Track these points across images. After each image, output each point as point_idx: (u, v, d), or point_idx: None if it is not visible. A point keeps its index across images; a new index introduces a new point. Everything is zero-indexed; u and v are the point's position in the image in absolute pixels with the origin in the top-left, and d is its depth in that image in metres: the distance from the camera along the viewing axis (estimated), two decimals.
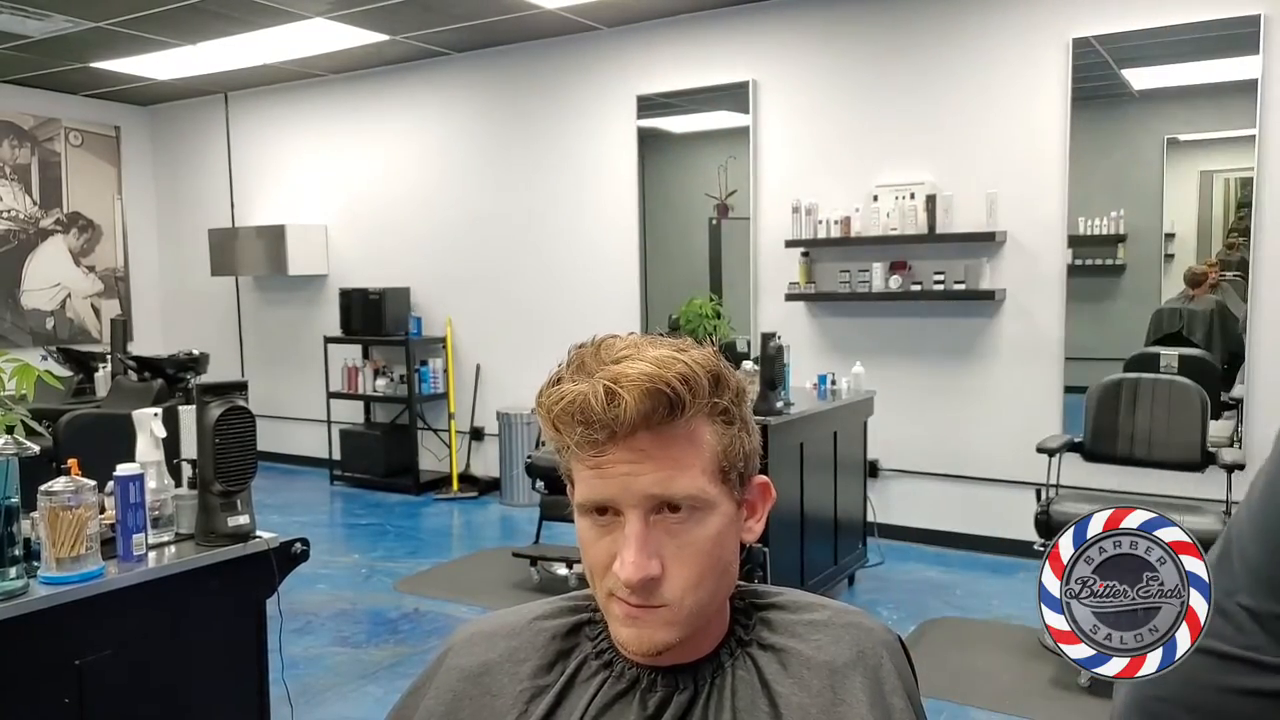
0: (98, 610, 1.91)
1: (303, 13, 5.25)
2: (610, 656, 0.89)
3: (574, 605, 0.94)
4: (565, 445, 0.81)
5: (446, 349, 6.57)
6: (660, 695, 0.85)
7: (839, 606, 0.92)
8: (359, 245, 6.96)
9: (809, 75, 5.16)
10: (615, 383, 0.77)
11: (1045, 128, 4.56)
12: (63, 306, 7.41)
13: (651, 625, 0.81)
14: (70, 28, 5.53)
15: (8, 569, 1.78)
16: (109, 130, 7.68)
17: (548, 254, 6.12)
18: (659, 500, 0.80)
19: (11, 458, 1.75)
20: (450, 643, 0.97)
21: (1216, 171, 4.53)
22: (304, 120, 7.11)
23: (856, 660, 0.85)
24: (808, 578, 3.92)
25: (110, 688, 1.97)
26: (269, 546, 2.20)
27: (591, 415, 0.77)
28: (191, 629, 2.15)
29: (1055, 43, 4.50)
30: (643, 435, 0.79)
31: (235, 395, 2.13)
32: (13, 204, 7.10)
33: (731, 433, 0.83)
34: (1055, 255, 4.61)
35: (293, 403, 7.28)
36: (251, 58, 6.26)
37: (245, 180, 7.49)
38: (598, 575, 0.83)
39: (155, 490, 2.11)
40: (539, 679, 0.89)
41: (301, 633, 3.85)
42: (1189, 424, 3.63)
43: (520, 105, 6.14)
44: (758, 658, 0.87)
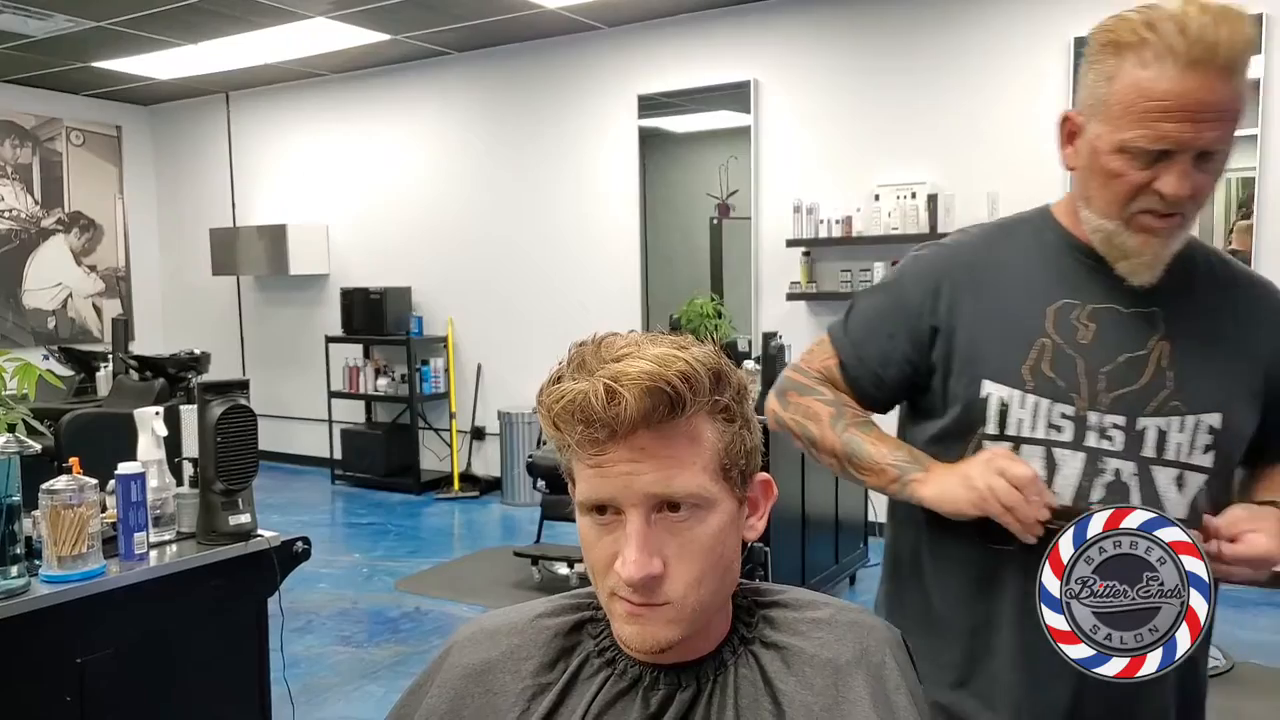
0: (99, 609, 1.91)
1: (304, 12, 5.25)
2: (613, 654, 0.88)
3: (576, 603, 0.94)
4: (566, 444, 0.81)
5: (448, 348, 6.57)
6: (663, 693, 0.85)
7: (841, 604, 0.92)
8: (360, 245, 6.96)
9: (810, 75, 5.15)
10: (616, 381, 0.76)
11: (1046, 127, 4.52)
12: (64, 306, 7.42)
13: (654, 623, 0.81)
14: (72, 27, 5.53)
15: (9, 567, 1.78)
16: (110, 130, 7.68)
17: (549, 253, 6.12)
18: (660, 499, 0.79)
19: (13, 456, 1.75)
20: (452, 641, 0.97)
21: None
22: (305, 120, 7.11)
23: (859, 658, 0.85)
24: (809, 577, 3.92)
25: (111, 686, 1.97)
26: (270, 545, 2.20)
27: (592, 414, 0.77)
28: (193, 628, 2.15)
29: (1056, 42, 4.50)
30: (643, 434, 0.78)
31: (237, 394, 2.13)
32: (14, 203, 7.10)
33: (733, 430, 0.83)
34: None
35: (294, 402, 7.28)
36: (253, 57, 6.26)
37: (246, 180, 7.49)
38: (600, 574, 0.83)
39: (157, 489, 2.12)
40: (541, 677, 0.89)
41: (302, 632, 3.85)
42: None
43: (521, 105, 6.14)
44: (760, 656, 0.86)
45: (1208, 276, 1.18)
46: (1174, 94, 1.01)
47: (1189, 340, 1.14)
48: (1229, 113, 1.03)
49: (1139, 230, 1.09)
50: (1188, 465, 1.12)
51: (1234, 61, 1.02)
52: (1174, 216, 1.08)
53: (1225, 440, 1.13)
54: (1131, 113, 1.03)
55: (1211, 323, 1.16)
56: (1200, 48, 1.00)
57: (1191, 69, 1.01)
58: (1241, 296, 1.18)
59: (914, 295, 1.22)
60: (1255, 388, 1.15)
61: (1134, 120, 1.03)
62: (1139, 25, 1.03)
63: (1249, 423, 1.16)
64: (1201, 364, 1.13)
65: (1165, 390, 1.12)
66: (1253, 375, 1.16)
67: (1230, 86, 1.02)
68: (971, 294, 1.19)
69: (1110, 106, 1.06)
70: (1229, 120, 1.04)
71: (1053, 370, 1.13)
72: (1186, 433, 1.12)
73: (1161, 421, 1.12)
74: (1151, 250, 1.10)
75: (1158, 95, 1.02)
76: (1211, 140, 1.03)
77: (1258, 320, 1.17)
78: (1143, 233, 1.09)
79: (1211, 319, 1.16)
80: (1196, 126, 1.02)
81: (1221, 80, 1.01)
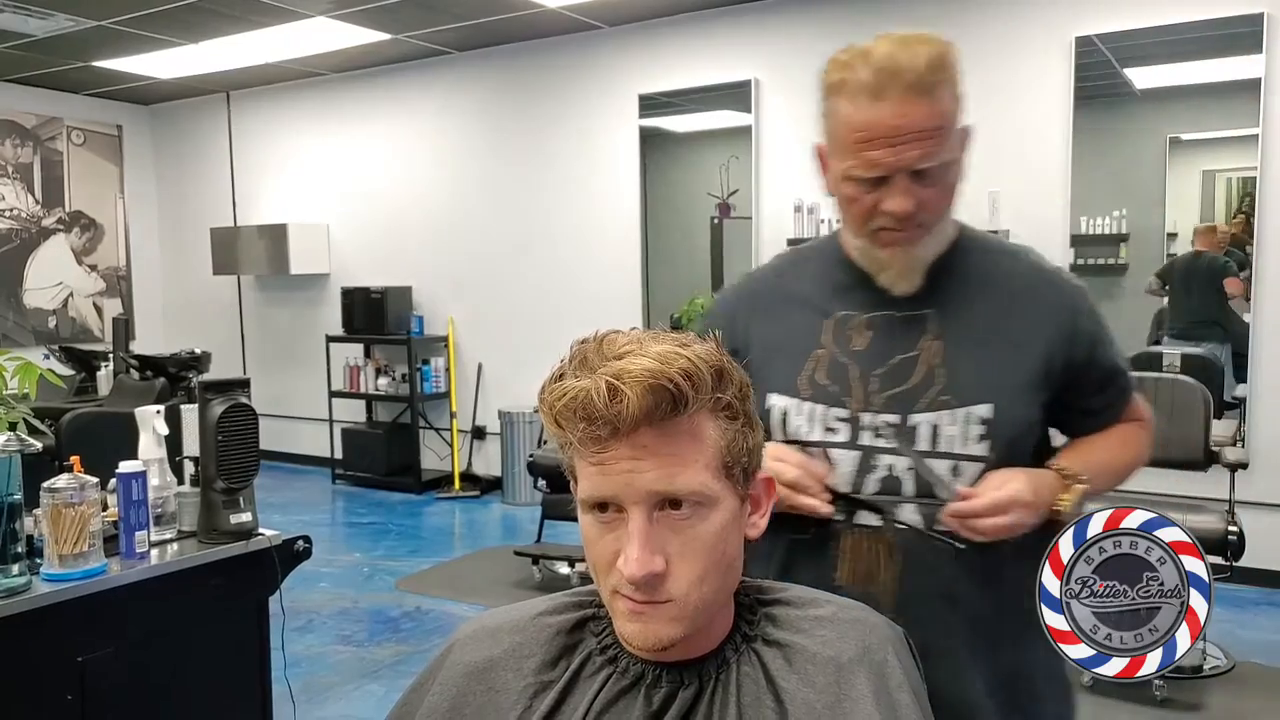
0: (100, 607, 1.91)
1: (304, 11, 5.25)
2: (615, 652, 0.89)
3: (578, 601, 0.94)
4: (568, 441, 0.81)
5: (448, 348, 6.57)
6: (665, 691, 0.85)
7: (844, 602, 0.92)
8: (361, 244, 6.96)
9: (811, 74, 5.12)
10: (618, 379, 0.76)
11: (1047, 126, 4.56)
12: (65, 305, 7.42)
13: (657, 620, 0.81)
14: (72, 27, 5.53)
15: (10, 566, 1.78)
16: (111, 129, 7.68)
17: (549, 253, 6.11)
18: (662, 496, 0.79)
19: (14, 455, 1.75)
20: (454, 639, 0.96)
21: (1219, 171, 4.53)
22: (306, 119, 7.11)
23: (862, 656, 0.85)
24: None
25: (112, 685, 1.97)
26: (271, 544, 2.20)
27: (594, 411, 0.77)
28: (194, 626, 2.15)
29: (1058, 41, 4.50)
30: (645, 431, 0.78)
31: (238, 392, 2.13)
32: (15, 203, 7.10)
33: (735, 428, 0.83)
34: (1057, 254, 4.60)
35: (294, 402, 7.28)
36: (253, 57, 6.26)
37: (247, 179, 7.49)
38: (602, 572, 0.83)
39: (158, 487, 2.12)
40: (543, 674, 0.89)
41: (303, 631, 3.85)
42: (1192, 423, 3.62)
43: (522, 104, 6.14)
44: (763, 653, 0.87)
45: (982, 275, 1.24)
46: (870, 124, 1.10)
47: (960, 338, 1.19)
48: (931, 130, 1.09)
49: (884, 245, 1.17)
50: (963, 456, 1.17)
51: (921, 82, 1.08)
52: (911, 230, 1.15)
53: (1000, 428, 1.17)
54: (845, 146, 1.13)
55: (984, 319, 1.21)
56: (884, 75, 1.09)
57: (880, 98, 1.09)
58: (1018, 291, 1.23)
59: (720, 327, 1.29)
60: (1033, 376, 1.19)
61: (848, 152, 1.12)
62: (840, 66, 1.14)
63: (1028, 410, 1.20)
64: (972, 359, 1.18)
65: (935, 387, 1.18)
66: (1029, 364, 1.19)
67: (924, 105, 1.09)
68: (760, 319, 1.30)
69: (833, 141, 1.16)
70: (933, 136, 1.10)
71: (827, 378, 1.22)
72: (958, 425, 1.17)
73: (933, 416, 1.17)
74: (900, 261, 1.18)
75: (858, 126, 1.11)
76: (915, 159, 1.10)
77: (1033, 311, 1.22)
78: (887, 247, 1.17)
79: (985, 316, 1.21)
80: (896, 150, 1.09)
81: (910, 102, 1.08)
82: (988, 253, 1.28)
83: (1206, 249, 4.49)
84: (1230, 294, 4.46)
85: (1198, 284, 4.54)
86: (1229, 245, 4.48)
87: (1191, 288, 4.57)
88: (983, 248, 1.28)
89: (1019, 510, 1.11)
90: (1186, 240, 4.58)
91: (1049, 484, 1.16)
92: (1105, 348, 1.25)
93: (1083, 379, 1.23)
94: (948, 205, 1.19)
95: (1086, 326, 1.23)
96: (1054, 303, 1.23)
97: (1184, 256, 4.58)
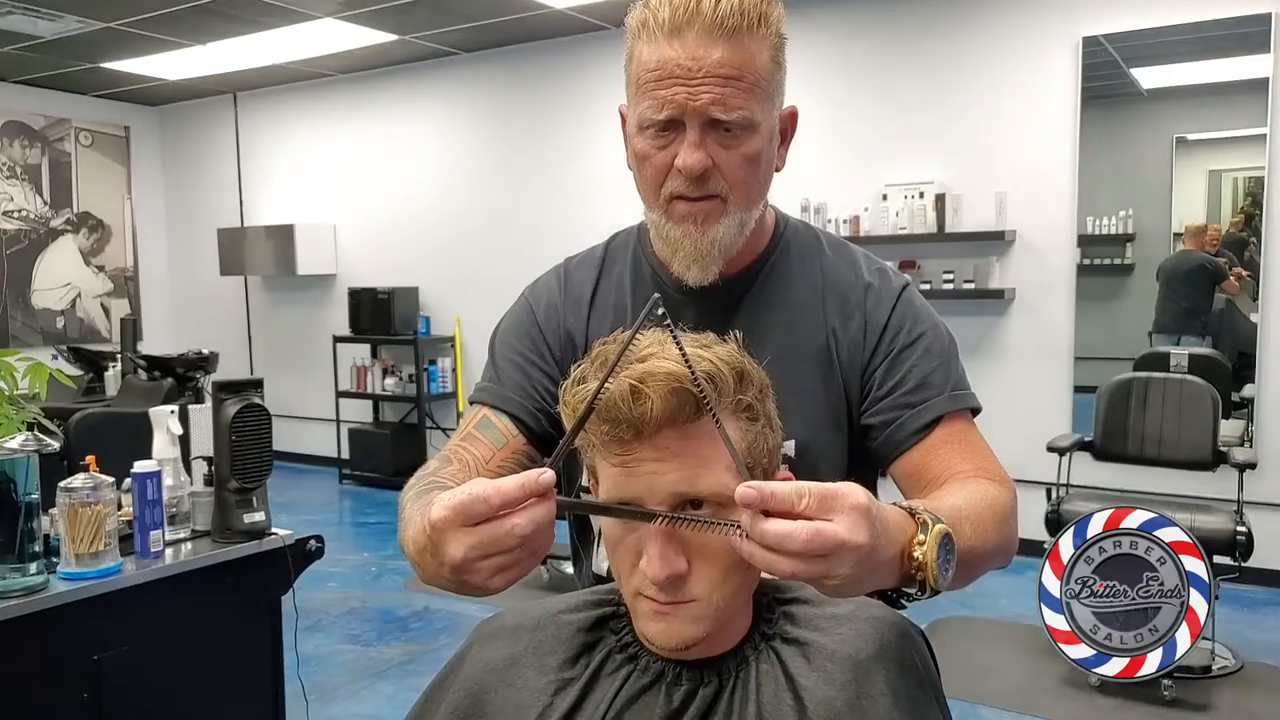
0: (116, 606, 1.92)
1: (312, 13, 5.27)
2: (635, 650, 0.89)
3: (597, 599, 0.95)
4: (590, 443, 0.82)
5: (455, 348, 6.58)
6: (685, 689, 0.86)
7: (861, 600, 0.92)
8: (368, 245, 6.97)
9: (817, 74, 5.15)
10: (641, 381, 0.77)
11: (1054, 127, 4.56)
12: (73, 306, 7.44)
13: (680, 620, 0.81)
14: (81, 28, 5.55)
15: (28, 564, 1.80)
16: (119, 130, 7.70)
17: (556, 253, 6.04)
18: (684, 498, 0.80)
19: (32, 455, 1.76)
20: (473, 637, 0.97)
21: (1226, 171, 4.53)
22: (313, 120, 7.12)
23: (880, 653, 0.86)
24: None
25: (128, 683, 1.98)
26: (284, 543, 2.22)
27: (617, 413, 0.77)
28: (208, 625, 2.16)
29: (1064, 42, 4.50)
30: (668, 433, 0.79)
31: (251, 393, 2.14)
32: (23, 204, 7.13)
33: (755, 429, 0.84)
34: (1064, 254, 4.60)
35: (302, 402, 7.29)
36: (261, 58, 6.27)
37: (254, 180, 7.51)
38: (624, 573, 0.84)
39: (172, 487, 2.13)
40: (565, 672, 0.90)
41: (312, 631, 3.86)
42: (1200, 423, 3.62)
43: (529, 105, 6.15)
44: (781, 651, 0.87)
45: (784, 280, 1.15)
46: (667, 60, 1.01)
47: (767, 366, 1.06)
48: (735, 78, 1.01)
49: (678, 220, 1.07)
50: None
51: (725, 23, 1.00)
52: (707, 200, 1.06)
53: (808, 465, 1.10)
54: (641, 88, 1.05)
55: (791, 339, 1.11)
56: (683, 12, 1.00)
57: (677, 33, 1.01)
58: (833, 308, 1.14)
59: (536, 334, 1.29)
60: (837, 409, 1.12)
61: (642, 94, 1.04)
62: (641, 8, 1.05)
63: (836, 442, 1.12)
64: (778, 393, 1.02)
65: None
66: (836, 397, 1.11)
67: (725, 48, 1.00)
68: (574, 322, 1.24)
69: (630, 88, 1.08)
70: (734, 83, 1.01)
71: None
72: None
73: None
74: (692, 241, 1.07)
75: (654, 65, 1.02)
76: (709, 102, 1.01)
77: (842, 331, 1.13)
78: (682, 222, 1.07)
79: (793, 333, 1.12)
80: (690, 88, 1.01)
81: (711, 42, 1.00)
82: (805, 254, 1.17)
83: (1194, 248, 4.54)
84: (1229, 294, 4.48)
85: (1180, 282, 4.62)
86: (1221, 244, 4.51)
87: (1175, 285, 4.63)
88: (802, 248, 1.18)
89: (843, 545, 0.69)
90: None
91: (895, 521, 0.77)
92: (908, 354, 1.11)
93: (879, 388, 1.11)
94: (754, 184, 1.07)
95: (884, 329, 1.12)
96: (847, 308, 1.13)
97: (1171, 256, 4.62)
